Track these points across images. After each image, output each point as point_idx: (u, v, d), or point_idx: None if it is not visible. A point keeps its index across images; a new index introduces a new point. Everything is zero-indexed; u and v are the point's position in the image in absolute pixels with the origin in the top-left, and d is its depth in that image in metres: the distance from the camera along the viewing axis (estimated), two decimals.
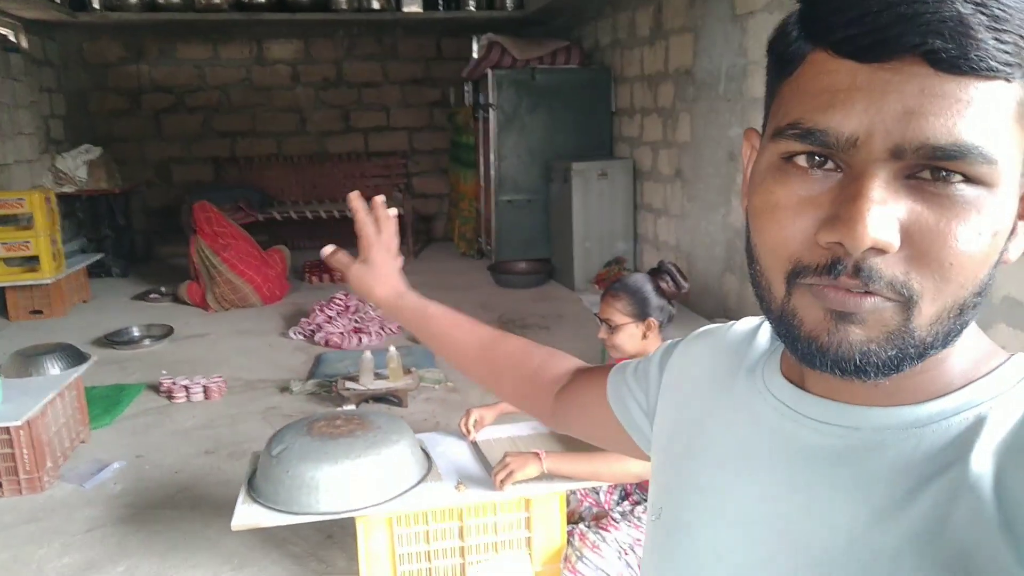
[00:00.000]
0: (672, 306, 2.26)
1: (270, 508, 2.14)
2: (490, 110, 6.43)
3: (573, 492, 2.32)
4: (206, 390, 3.97)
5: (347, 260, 1.02)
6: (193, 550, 2.60)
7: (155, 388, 4.08)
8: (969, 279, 0.46)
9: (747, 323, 0.69)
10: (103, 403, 3.82)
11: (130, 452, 3.37)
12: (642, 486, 2.31)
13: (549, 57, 6.63)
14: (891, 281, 0.45)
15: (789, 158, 0.48)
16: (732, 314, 4.62)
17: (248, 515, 2.13)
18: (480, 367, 0.96)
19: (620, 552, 2.07)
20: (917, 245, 0.45)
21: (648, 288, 2.20)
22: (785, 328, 0.50)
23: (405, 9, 7.45)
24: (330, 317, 5.11)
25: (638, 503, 2.28)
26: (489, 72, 6.40)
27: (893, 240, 0.44)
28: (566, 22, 7.35)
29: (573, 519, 2.30)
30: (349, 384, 3.74)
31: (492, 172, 6.57)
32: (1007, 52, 0.42)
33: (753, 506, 0.56)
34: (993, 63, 0.42)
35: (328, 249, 1.03)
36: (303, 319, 5.18)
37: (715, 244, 4.85)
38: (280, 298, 5.99)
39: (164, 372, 4.28)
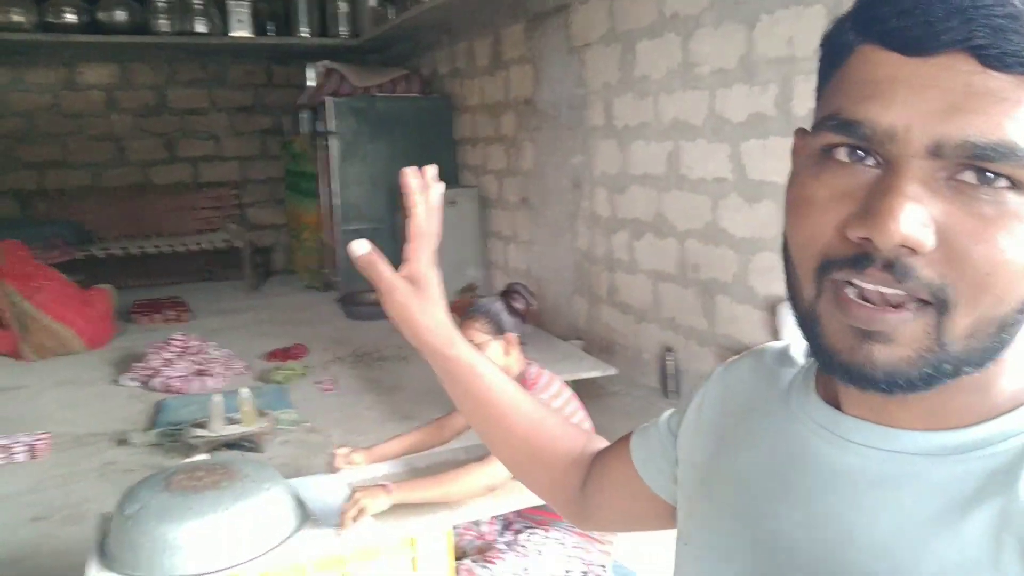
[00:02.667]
0: (525, 324, 2.34)
1: None
2: (330, 138, 6.30)
3: (455, 526, 2.28)
4: (30, 449, 3.57)
5: (388, 273, 0.73)
6: None
7: None
8: (1008, 292, 0.43)
9: (780, 344, 0.67)
10: None
11: None
12: (523, 514, 2.32)
13: (389, 85, 6.61)
14: (927, 282, 0.43)
15: (828, 151, 0.47)
16: (583, 334, 4.76)
17: None
18: (521, 449, 0.81)
19: None
20: (953, 249, 0.43)
21: (500, 306, 2.28)
22: (809, 333, 0.49)
23: (233, 33, 7.16)
24: (168, 360, 4.76)
25: (520, 532, 2.28)
26: (328, 99, 6.28)
27: (925, 239, 0.42)
28: (403, 51, 7.36)
29: (457, 555, 2.26)
30: (198, 431, 3.49)
31: (335, 201, 6.43)
32: None
33: (791, 531, 0.54)
34: None
35: (361, 246, 0.72)
36: (136, 364, 4.79)
37: (564, 268, 4.99)
38: (106, 341, 5.52)
39: None
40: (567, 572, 2.14)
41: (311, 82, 6.97)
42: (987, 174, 0.42)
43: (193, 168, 8.16)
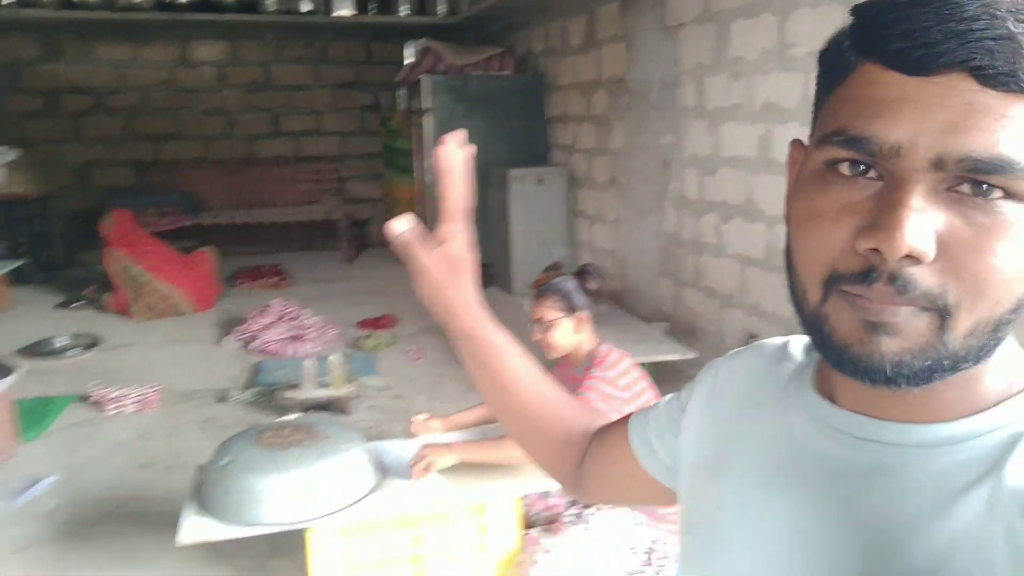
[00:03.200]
0: (597, 303, 2.37)
1: (218, 521, 2.11)
2: (425, 115, 6.43)
3: (524, 496, 2.35)
4: (139, 401, 3.86)
5: (423, 255, 0.76)
6: (134, 567, 2.53)
7: (85, 400, 3.95)
8: (1004, 295, 0.46)
9: (778, 340, 0.70)
10: (30, 416, 3.67)
11: (62, 467, 3.25)
12: None
13: (483, 63, 6.67)
14: (926, 292, 0.46)
15: (832, 165, 0.49)
16: (668, 317, 4.74)
17: (195, 529, 2.09)
18: (530, 422, 0.84)
19: (575, 556, 2.12)
20: (953, 258, 0.45)
21: (572, 285, 2.31)
22: (816, 334, 0.51)
23: (335, 13, 7.37)
24: (267, 324, 5.02)
25: (588, 506, 2.32)
26: (424, 77, 6.40)
27: (929, 249, 0.45)
28: (499, 29, 7.41)
29: (525, 524, 2.33)
30: (289, 393, 3.69)
31: (428, 177, 6.56)
32: None
33: (788, 522, 0.56)
34: None
35: (401, 224, 0.75)
36: (238, 327, 5.07)
37: (649, 249, 4.97)
38: (211, 301, 5.85)
39: (94, 383, 4.14)
40: (632, 548, 2.18)
41: (409, 60, 7.11)
42: (983, 186, 0.45)
43: (295, 142, 8.47)
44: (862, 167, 0.48)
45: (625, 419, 0.80)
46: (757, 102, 3.87)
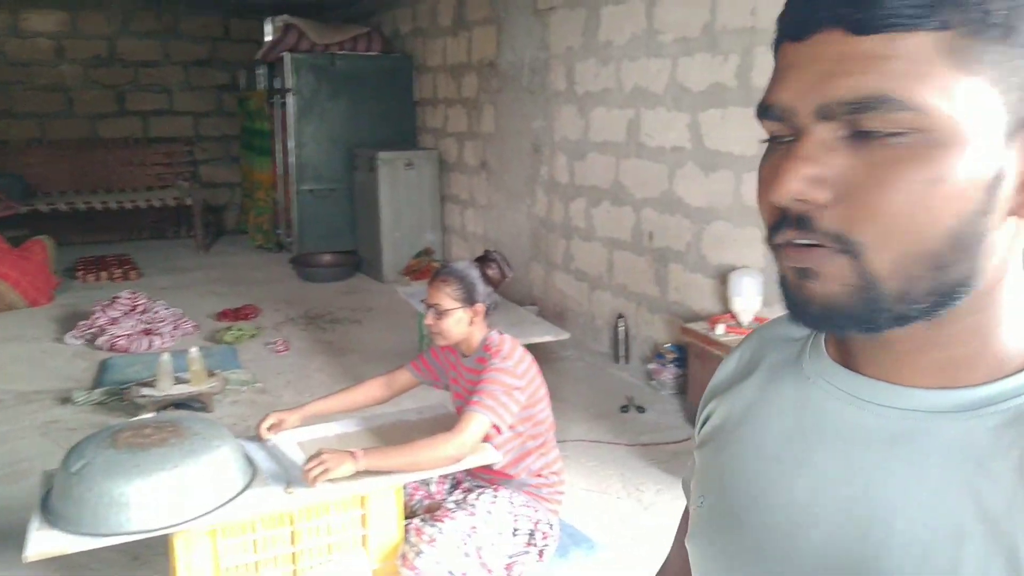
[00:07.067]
0: (496, 295, 2.31)
1: (72, 532, 1.92)
2: (287, 95, 6.17)
3: (404, 486, 2.29)
4: None
5: None
6: None
7: None
8: (924, 228, 0.46)
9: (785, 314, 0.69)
10: None
11: None
12: (472, 473, 2.33)
13: (349, 43, 6.48)
14: (830, 232, 0.48)
15: (772, 139, 0.53)
16: (539, 300, 4.78)
17: (45, 542, 1.89)
18: None
19: (459, 542, 2.08)
20: (852, 196, 0.47)
21: (475, 275, 2.24)
22: (782, 290, 0.54)
23: None
24: (115, 319, 4.66)
25: (470, 491, 2.29)
26: (286, 55, 6.14)
27: (812, 192, 0.48)
28: (365, 8, 7.21)
29: (406, 514, 2.27)
30: (145, 391, 3.44)
31: (291, 160, 6.31)
32: (913, 4, 0.45)
33: (807, 492, 0.55)
34: (897, 17, 0.45)
35: None
36: (81, 322, 4.68)
37: (521, 234, 4.99)
38: (48, 294, 5.38)
39: None
40: (516, 530, 2.16)
41: (269, 37, 6.79)
42: (882, 127, 0.46)
43: (143, 122, 7.93)
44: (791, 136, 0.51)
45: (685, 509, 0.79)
46: (626, 87, 3.94)
